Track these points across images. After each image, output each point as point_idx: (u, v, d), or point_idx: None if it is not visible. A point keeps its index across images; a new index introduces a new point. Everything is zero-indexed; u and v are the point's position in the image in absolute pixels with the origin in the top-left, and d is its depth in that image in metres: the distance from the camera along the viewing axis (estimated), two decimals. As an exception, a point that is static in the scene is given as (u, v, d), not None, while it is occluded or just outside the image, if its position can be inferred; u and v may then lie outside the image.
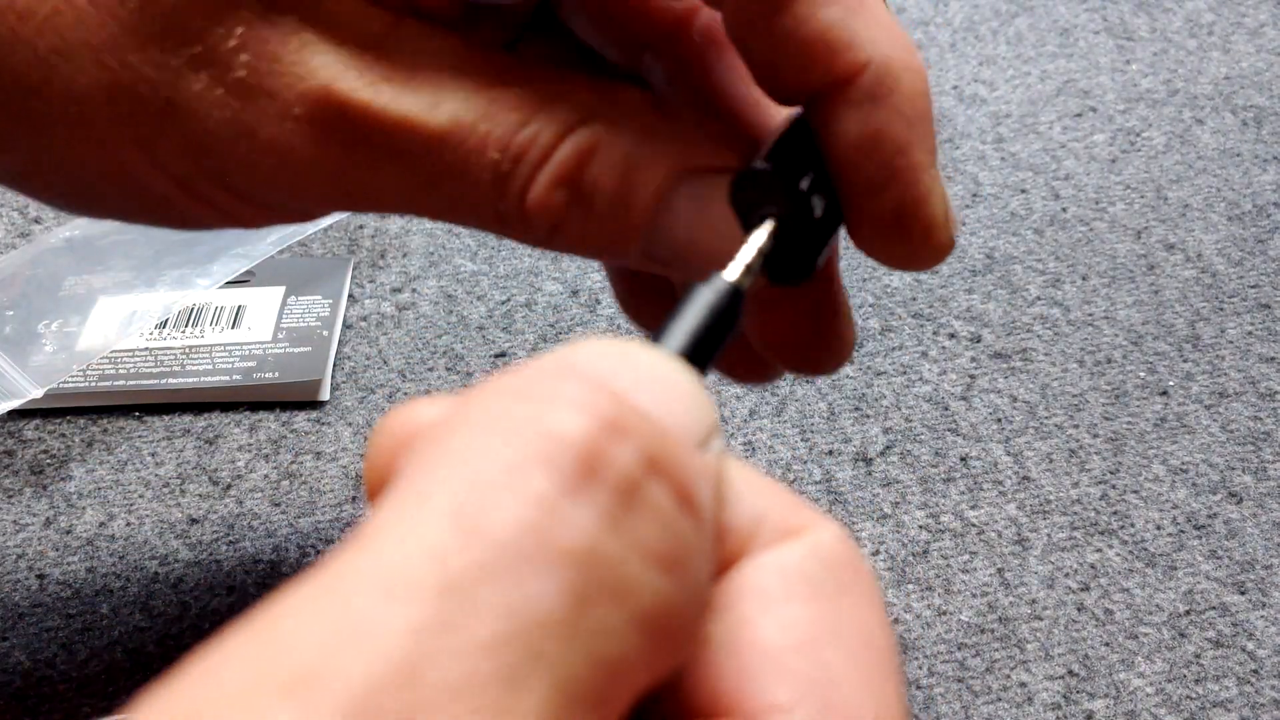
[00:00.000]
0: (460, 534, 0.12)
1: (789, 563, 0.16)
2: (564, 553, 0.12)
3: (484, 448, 0.13)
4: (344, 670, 0.11)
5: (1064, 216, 0.50)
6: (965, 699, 0.37)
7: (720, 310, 0.19)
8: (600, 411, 0.13)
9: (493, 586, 0.12)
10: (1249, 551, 0.40)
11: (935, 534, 0.41)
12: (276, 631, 0.12)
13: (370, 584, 0.12)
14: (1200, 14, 0.59)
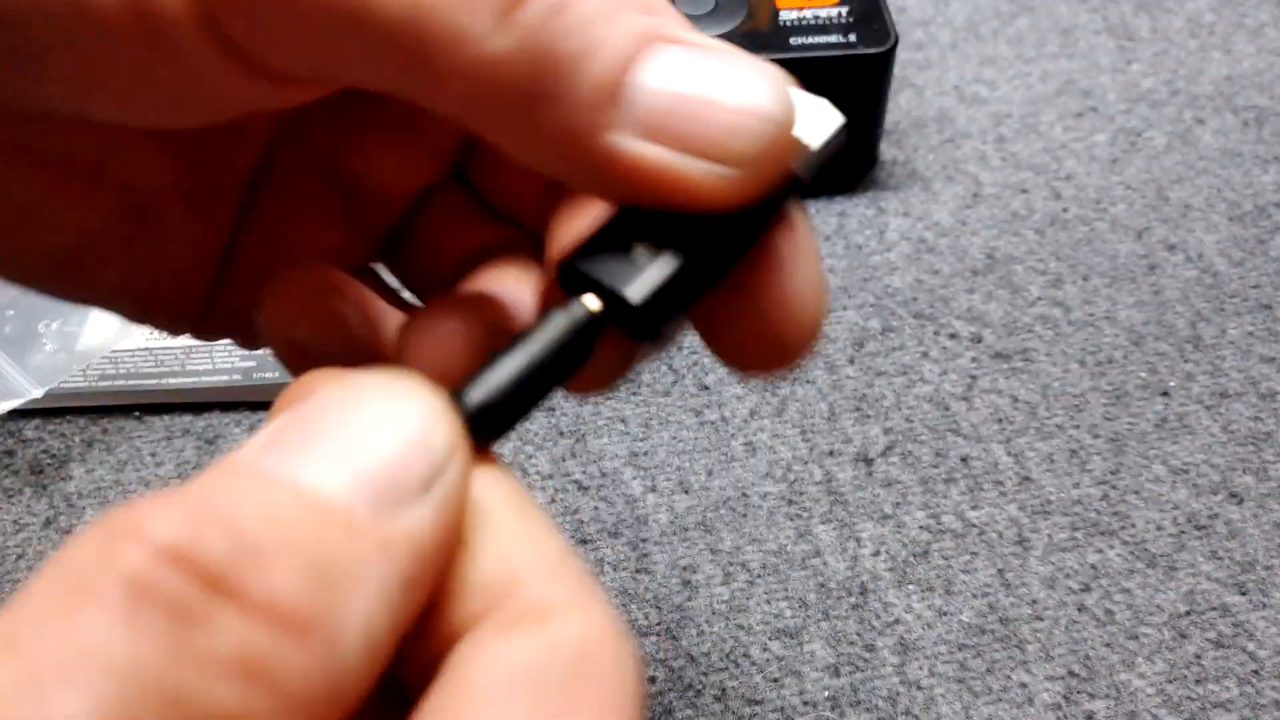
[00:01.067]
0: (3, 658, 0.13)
1: (520, 659, 0.15)
2: (100, 668, 0.13)
3: (50, 587, 0.13)
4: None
5: (1065, 217, 0.50)
6: (966, 700, 0.37)
7: (561, 340, 0.18)
8: (159, 535, 0.13)
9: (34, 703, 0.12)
10: (1250, 552, 0.40)
11: (936, 534, 0.40)
12: None
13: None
14: (1201, 14, 0.59)
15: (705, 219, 0.18)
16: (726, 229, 0.18)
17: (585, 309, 0.18)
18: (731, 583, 0.39)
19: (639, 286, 0.18)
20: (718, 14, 0.49)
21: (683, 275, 0.18)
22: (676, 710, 0.37)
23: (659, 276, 0.18)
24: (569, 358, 0.18)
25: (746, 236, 0.19)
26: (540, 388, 0.18)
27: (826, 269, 0.48)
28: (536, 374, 0.18)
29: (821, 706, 0.37)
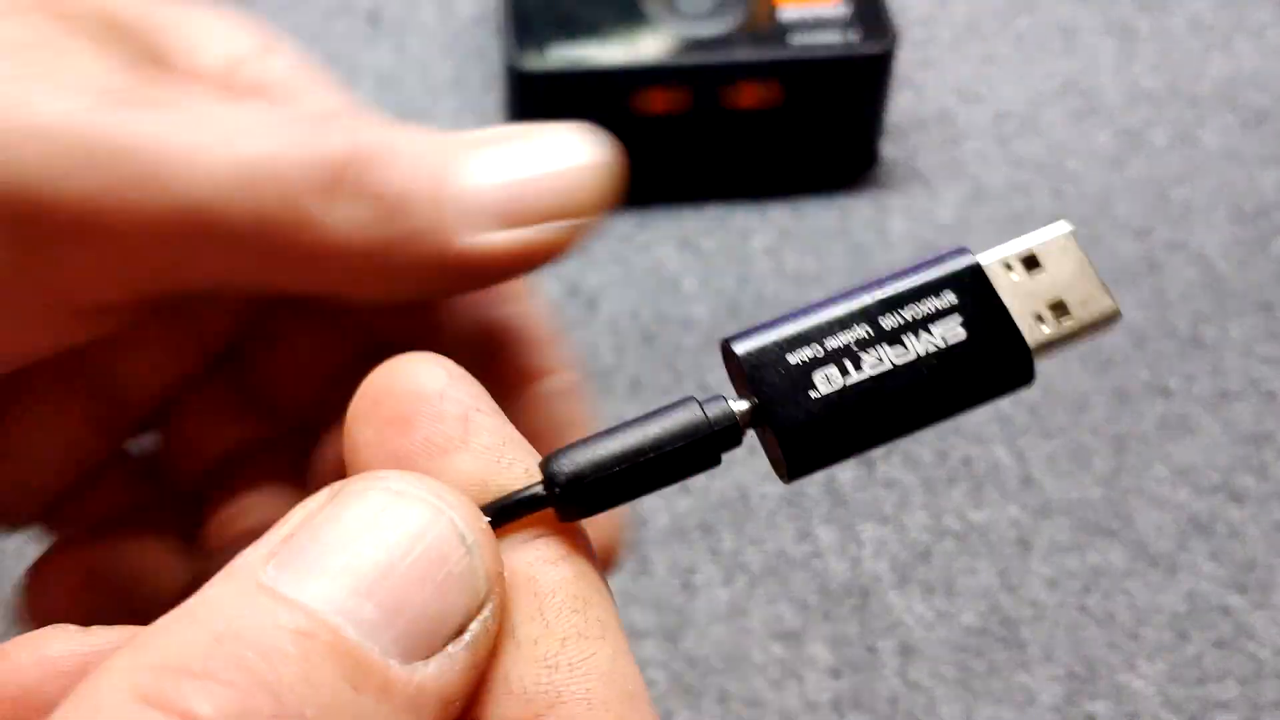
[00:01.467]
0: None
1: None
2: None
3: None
4: None
5: (1067, 216, 0.50)
6: (967, 701, 0.37)
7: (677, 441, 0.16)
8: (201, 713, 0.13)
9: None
10: (1250, 553, 0.40)
11: (937, 536, 0.40)
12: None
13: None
14: (1202, 14, 0.59)
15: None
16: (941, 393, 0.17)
17: (727, 410, 0.17)
18: (732, 584, 0.39)
19: (795, 415, 0.17)
20: (718, 12, 0.49)
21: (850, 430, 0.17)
22: (677, 713, 0.37)
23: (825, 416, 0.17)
24: (691, 456, 0.17)
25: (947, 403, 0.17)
26: (646, 477, 0.16)
27: (829, 268, 0.48)
28: (646, 460, 0.16)
29: (823, 709, 0.37)
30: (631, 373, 0.45)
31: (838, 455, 0.17)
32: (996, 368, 0.17)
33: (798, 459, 0.17)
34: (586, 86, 0.47)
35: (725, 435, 0.17)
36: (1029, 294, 0.18)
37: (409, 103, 0.54)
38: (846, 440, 0.17)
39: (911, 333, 0.17)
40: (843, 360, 0.17)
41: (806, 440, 0.17)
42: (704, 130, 0.49)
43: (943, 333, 0.17)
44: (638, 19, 0.49)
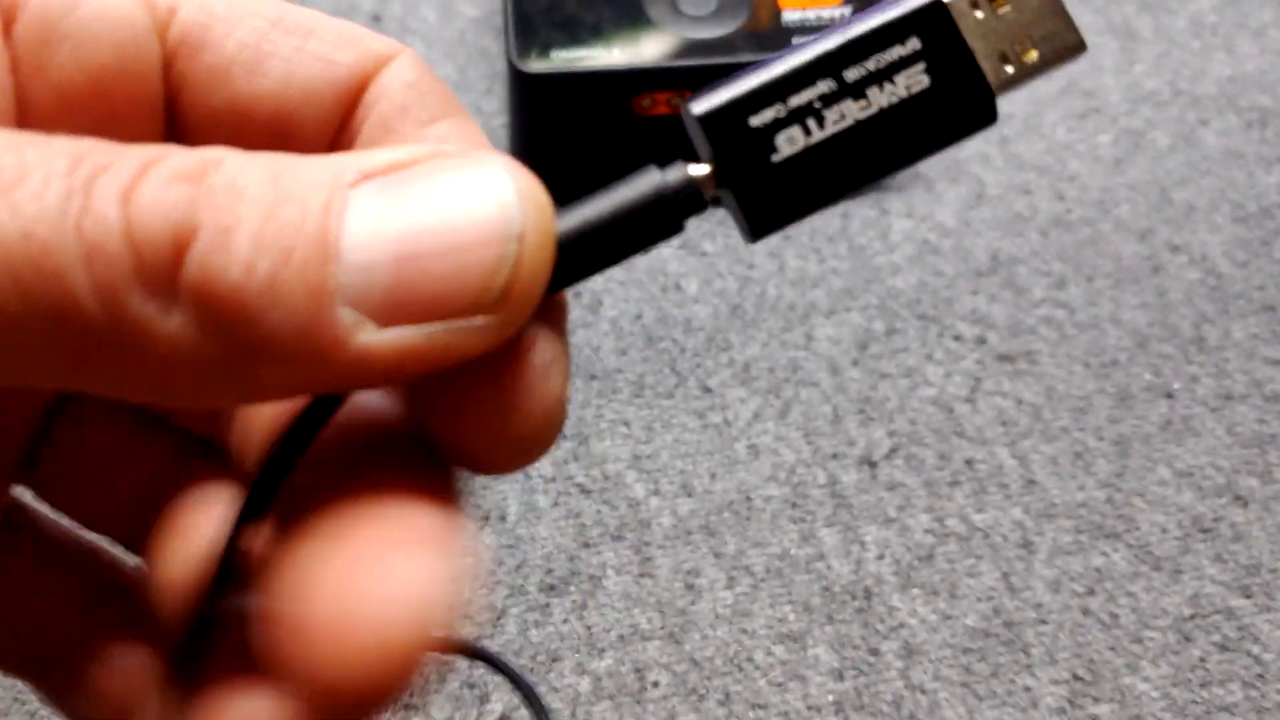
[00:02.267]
0: None
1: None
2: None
3: None
4: None
5: (1069, 218, 0.50)
6: (970, 703, 0.37)
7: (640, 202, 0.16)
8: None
9: None
10: (1255, 555, 0.40)
11: (940, 538, 0.40)
12: None
13: None
14: (1204, 15, 0.59)
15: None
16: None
17: (685, 175, 0.16)
18: (735, 586, 0.39)
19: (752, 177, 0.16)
20: (720, 15, 0.49)
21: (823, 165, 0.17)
22: (680, 715, 0.36)
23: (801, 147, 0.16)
24: (650, 223, 0.16)
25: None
26: (611, 245, 0.16)
27: (830, 270, 0.48)
28: (610, 227, 0.16)
29: (826, 711, 0.37)
30: (635, 374, 0.45)
31: (800, 212, 0.17)
32: (959, 111, 0.17)
33: (760, 218, 0.17)
34: (589, 88, 0.47)
35: (688, 200, 0.17)
36: (993, 31, 0.17)
37: (411, 104, 0.54)
38: (808, 196, 0.17)
39: (876, 84, 0.17)
40: (805, 119, 0.17)
41: (768, 200, 0.17)
42: (706, 132, 0.49)
43: (907, 82, 0.17)
44: (640, 21, 0.49)
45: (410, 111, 0.18)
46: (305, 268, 0.14)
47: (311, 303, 0.14)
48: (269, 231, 0.14)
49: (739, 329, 0.46)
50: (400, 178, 0.14)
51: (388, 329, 0.14)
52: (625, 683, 0.37)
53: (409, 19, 0.58)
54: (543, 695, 0.37)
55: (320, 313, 0.14)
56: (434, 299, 0.14)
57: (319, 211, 0.14)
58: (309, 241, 0.14)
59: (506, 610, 0.38)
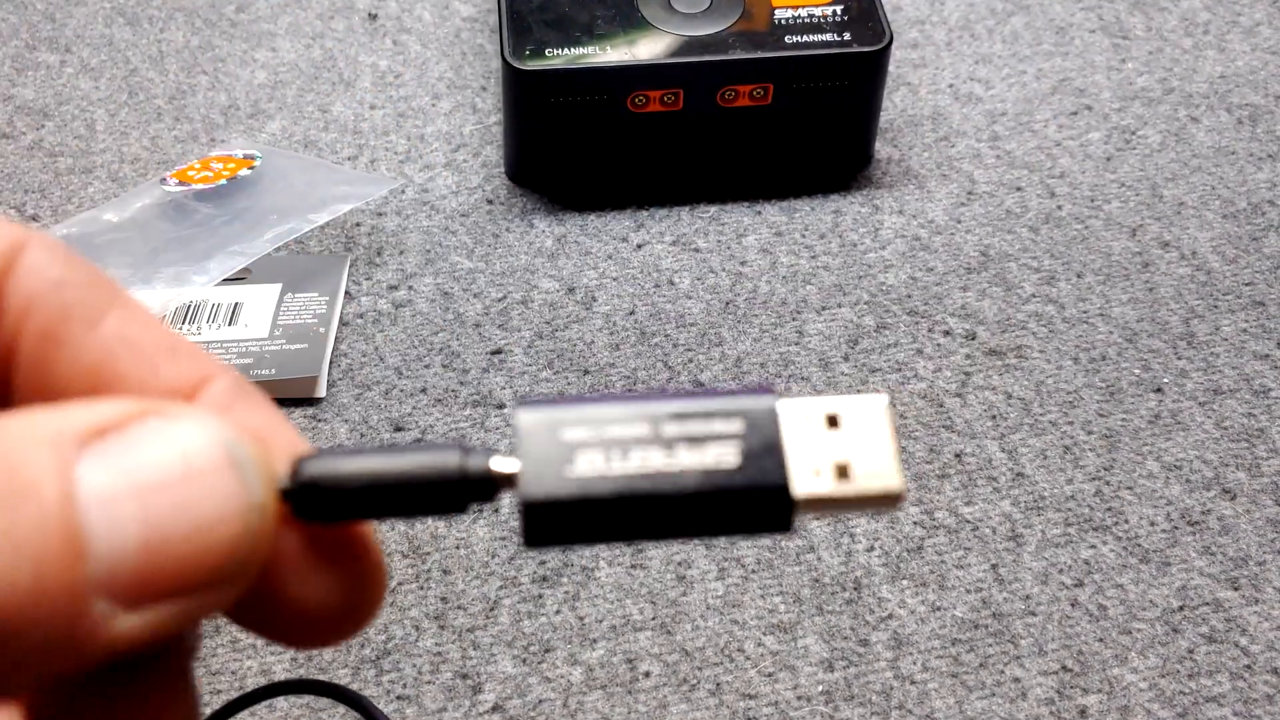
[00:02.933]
0: None
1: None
2: None
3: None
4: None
5: (1059, 214, 0.50)
6: (959, 694, 0.37)
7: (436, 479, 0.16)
8: None
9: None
10: (1242, 548, 0.40)
11: (930, 530, 0.41)
12: None
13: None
14: (1196, 13, 0.59)
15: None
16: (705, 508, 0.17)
17: (485, 465, 0.17)
18: (726, 578, 0.39)
19: (543, 488, 0.16)
20: (713, 12, 0.49)
21: (600, 508, 0.16)
22: (671, 705, 0.37)
23: (575, 494, 0.16)
24: (437, 496, 0.16)
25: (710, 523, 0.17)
26: (385, 503, 0.16)
27: (822, 266, 0.48)
28: (390, 487, 0.16)
29: (816, 701, 0.37)
30: (628, 369, 0.45)
31: (577, 537, 0.17)
32: (757, 505, 0.17)
33: (536, 530, 0.17)
34: (582, 86, 0.48)
35: (477, 487, 0.17)
36: (819, 447, 0.17)
37: (407, 101, 0.54)
38: (587, 526, 0.17)
39: (685, 445, 0.17)
40: (611, 449, 0.17)
41: (546, 514, 0.17)
42: (699, 130, 0.50)
43: (716, 454, 0.17)
44: (634, 19, 0.49)
45: (73, 312, 0.16)
46: (61, 572, 0.13)
47: (69, 604, 0.13)
48: (21, 539, 0.13)
49: (731, 324, 0.46)
50: (117, 445, 0.14)
51: (139, 611, 0.14)
52: (617, 673, 0.37)
53: (405, 18, 0.58)
54: (533, 686, 0.37)
55: (77, 611, 0.13)
56: (184, 579, 0.14)
57: (59, 506, 0.13)
58: (56, 543, 0.13)
59: (499, 601, 0.39)
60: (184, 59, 0.56)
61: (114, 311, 0.16)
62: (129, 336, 0.16)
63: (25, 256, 0.16)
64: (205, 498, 0.14)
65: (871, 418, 0.17)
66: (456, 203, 0.51)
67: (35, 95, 0.55)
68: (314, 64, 0.56)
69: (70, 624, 0.13)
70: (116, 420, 0.14)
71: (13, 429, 0.14)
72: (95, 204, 0.50)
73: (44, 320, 0.16)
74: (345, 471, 0.16)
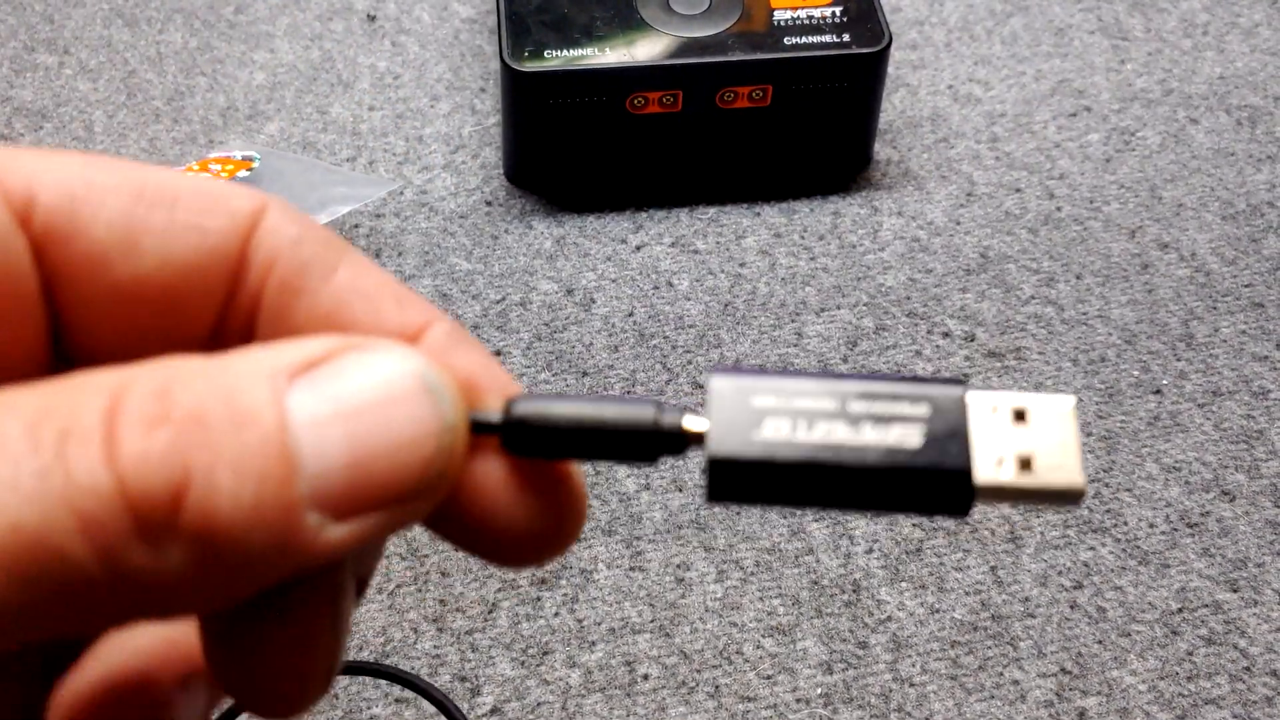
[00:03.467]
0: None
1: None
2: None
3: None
4: None
5: (1058, 216, 0.50)
6: (958, 696, 0.37)
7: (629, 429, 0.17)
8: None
9: None
10: (1241, 550, 0.40)
11: (929, 532, 0.41)
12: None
13: None
14: (1195, 14, 0.59)
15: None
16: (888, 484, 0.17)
17: (677, 422, 0.18)
18: (725, 580, 0.39)
19: (730, 447, 0.17)
20: (712, 14, 0.49)
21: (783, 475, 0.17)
22: (670, 707, 0.37)
23: (757, 454, 0.17)
24: (632, 445, 0.17)
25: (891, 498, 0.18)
26: (584, 445, 0.17)
27: (821, 268, 0.48)
28: (589, 431, 0.17)
29: (815, 703, 0.37)
30: (626, 371, 0.45)
31: (757, 498, 0.18)
32: (936, 486, 0.17)
33: (719, 486, 0.18)
34: (581, 87, 0.48)
35: (668, 440, 0.18)
36: (1003, 438, 0.18)
37: (405, 102, 0.54)
38: (769, 488, 0.17)
39: (871, 423, 0.17)
40: (798, 420, 0.17)
41: (733, 472, 0.17)
42: (698, 131, 0.49)
43: (900, 434, 0.17)
44: (633, 20, 0.49)
45: (309, 267, 0.18)
46: (278, 489, 0.15)
47: (285, 517, 0.15)
48: (243, 461, 0.15)
49: (730, 326, 0.46)
50: (325, 376, 0.16)
51: (345, 522, 0.15)
52: (615, 675, 0.37)
53: (404, 19, 0.58)
54: (532, 688, 0.37)
55: (291, 523, 0.15)
56: (384, 493, 0.16)
57: (275, 431, 0.15)
58: (274, 464, 0.15)
59: (498, 603, 0.39)
60: (182, 60, 0.56)
61: (345, 266, 0.18)
62: (359, 287, 0.18)
63: (267, 218, 0.18)
64: (403, 420, 0.16)
65: (1058, 416, 0.18)
66: (455, 204, 0.51)
67: (34, 97, 0.55)
68: (312, 65, 0.56)
69: (285, 534, 0.15)
70: (324, 354, 0.16)
71: (234, 365, 0.15)
72: (94, 205, 0.50)
73: (284, 273, 0.18)
74: (552, 413, 0.17)
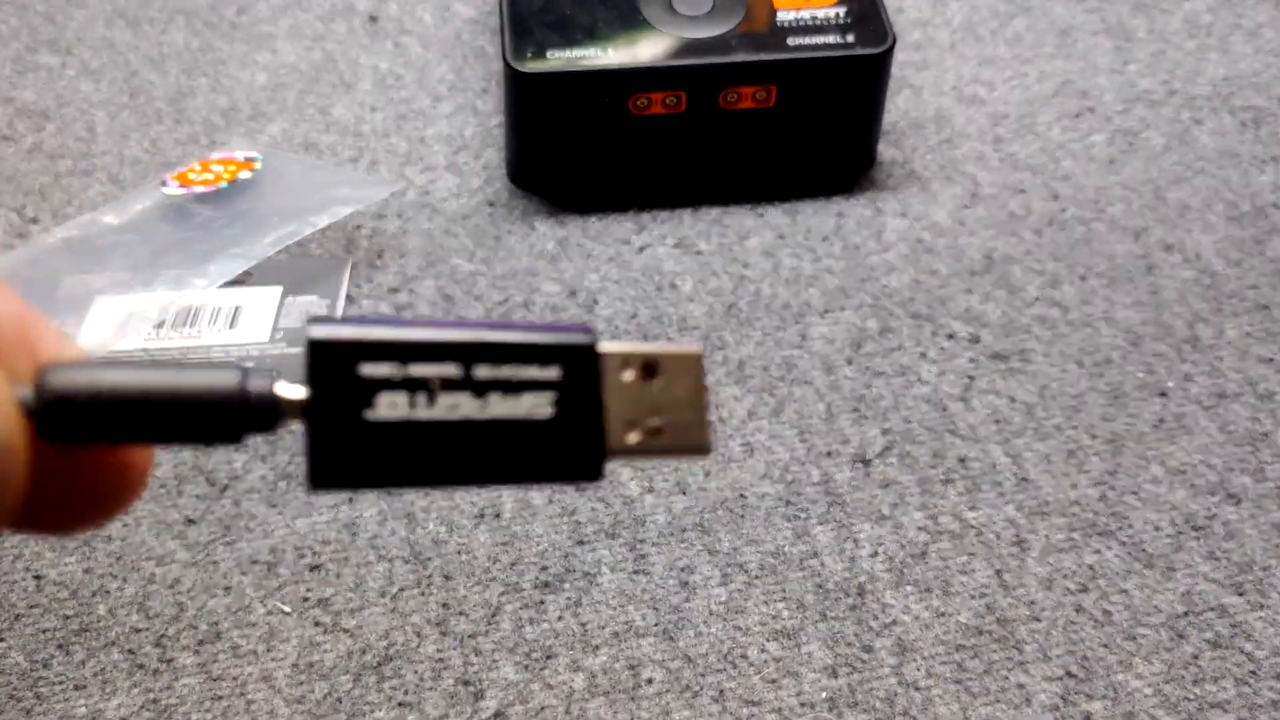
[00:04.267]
0: None
1: None
2: None
3: None
4: None
5: (1063, 217, 0.50)
6: (964, 700, 0.37)
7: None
8: None
9: None
10: (1247, 553, 0.40)
11: (934, 535, 0.40)
12: None
13: None
14: (1199, 15, 0.59)
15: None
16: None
17: (268, 389, 0.15)
18: (729, 584, 0.39)
19: (334, 430, 0.15)
20: (715, 14, 0.49)
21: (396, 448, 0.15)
22: (674, 711, 0.37)
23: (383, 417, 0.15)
24: (210, 421, 0.15)
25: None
26: (148, 424, 0.14)
27: (825, 269, 0.48)
28: (155, 405, 0.14)
29: (819, 707, 0.37)
30: (629, 373, 0.45)
31: (368, 482, 0.16)
32: (568, 455, 0.16)
33: (323, 471, 0.15)
34: (584, 88, 0.48)
35: (258, 415, 0.15)
36: (633, 399, 0.17)
37: (408, 103, 0.54)
38: (382, 471, 0.16)
39: (500, 391, 0.16)
40: (416, 391, 0.16)
41: (339, 456, 0.15)
42: (701, 132, 0.49)
43: (531, 404, 0.16)
44: (635, 21, 0.49)
45: None
46: None
47: None
48: None
49: (734, 328, 0.46)
50: None
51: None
52: (619, 679, 0.37)
53: (405, 20, 0.58)
54: (535, 692, 0.37)
55: None
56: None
57: None
58: None
59: (501, 607, 0.39)
60: (184, 61, 0.56)
61: None
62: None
63: None
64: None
65: (687, 368, 0.17)
66: (458, 205, 0.50)
67: (36, 97, 0.55)
68: (315, 66, 0.56)
69: None
70: None
71: None
72: (95, 206, 0.50)
73: None
74: (101, 385, 0.14)
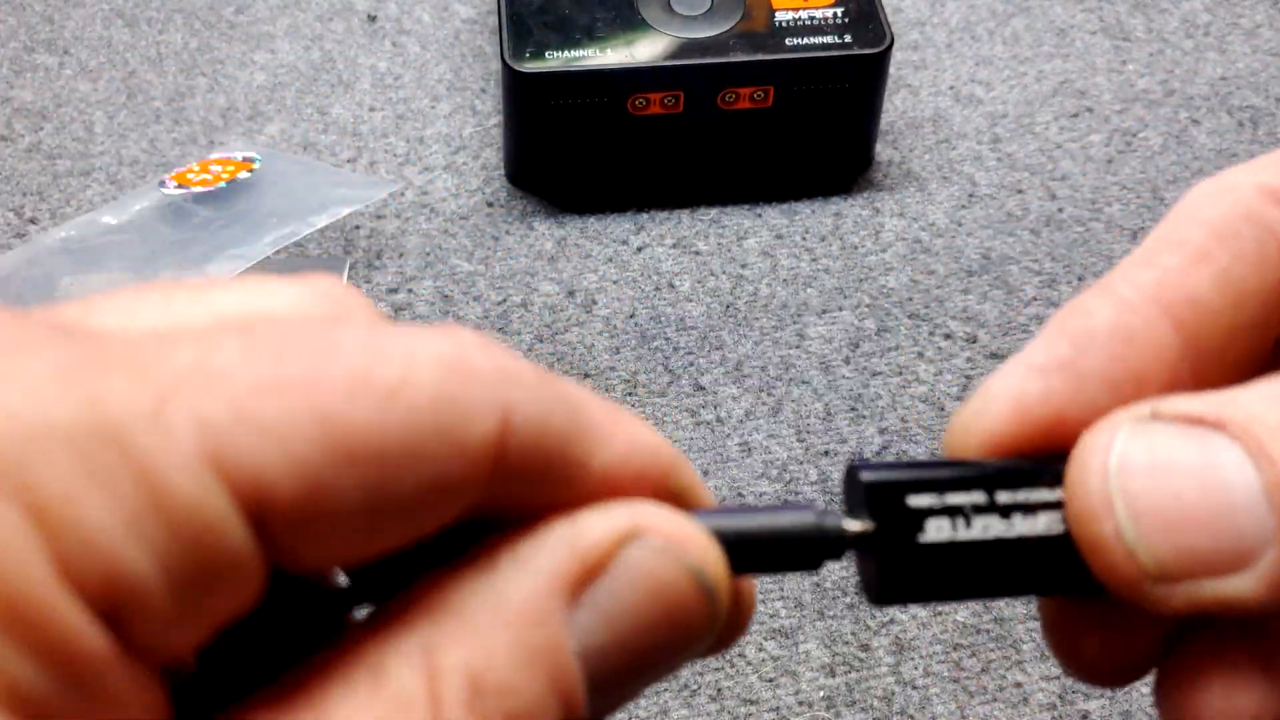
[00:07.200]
0: None
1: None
2: None
3: None
4: None
5: (1060, 217, 0.50)
6: (961, 699, 0.37)
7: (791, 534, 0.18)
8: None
9: None
10: (1244, 552, 0.40)
11: (931, 534, 0.41)
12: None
13: None
14: (1197, 14, 0.59)
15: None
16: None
17: (840, 524, 0.18)
18: (727, 583, 0.39)
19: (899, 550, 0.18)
20: (713, 14, 0.49)
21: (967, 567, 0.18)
22: (672, 710, 0.37)
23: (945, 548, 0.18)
24: (792, 553, 0.18)
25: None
26: (749, 558, 0.18)
27: (823, 269, 0.48)
28: (755, 542, 0.18)
29: (817, 706, 0.37)
30: (628, 372, 0.45)
31: (925, 597, 0.19)
32: (1082, 570, 0.18)
33: (891, 589, 0.18)
34: (583, 88, 0.48)
35: (831, 545, 0.18)
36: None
37: (406, 103, 0.54)
38: (936, 586, 0.19)
39: (1020, 513, 0.18)
40: (955, 517, 0.18)
41: (904, 576, 0.18)
42: (699, 132, 0.49)
43: (1047, 523, 0.18)
44: (634, 21, 0.49)
45: (566, 450, 0.17)
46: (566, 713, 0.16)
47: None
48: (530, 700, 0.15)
49: (732, 327, 0.46)
50: (601, 593, 0.16)
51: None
52: (617, 678, 0.37)
53: (404, 20, 0.58)
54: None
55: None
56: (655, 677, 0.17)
57: (555, 669, 0.16)
58: (553, 702, 0.16)
59: (499, 607, 0.39)
60: (183, 61, 0.56)
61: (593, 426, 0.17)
62: (620, 451, 0.17)
63: (513, 431, 0.16)
64: (681, 629, 0.16)
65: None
66: (456, 205, 0.51)
67: (33, 97, 0.55)
68: (313, 66, 0.56)
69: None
70: (599, 559, 0.16)
71: (507, 577, 0.16)
72: (94, 207, 0.50)
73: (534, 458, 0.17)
74: (731, 528, 0.18)
